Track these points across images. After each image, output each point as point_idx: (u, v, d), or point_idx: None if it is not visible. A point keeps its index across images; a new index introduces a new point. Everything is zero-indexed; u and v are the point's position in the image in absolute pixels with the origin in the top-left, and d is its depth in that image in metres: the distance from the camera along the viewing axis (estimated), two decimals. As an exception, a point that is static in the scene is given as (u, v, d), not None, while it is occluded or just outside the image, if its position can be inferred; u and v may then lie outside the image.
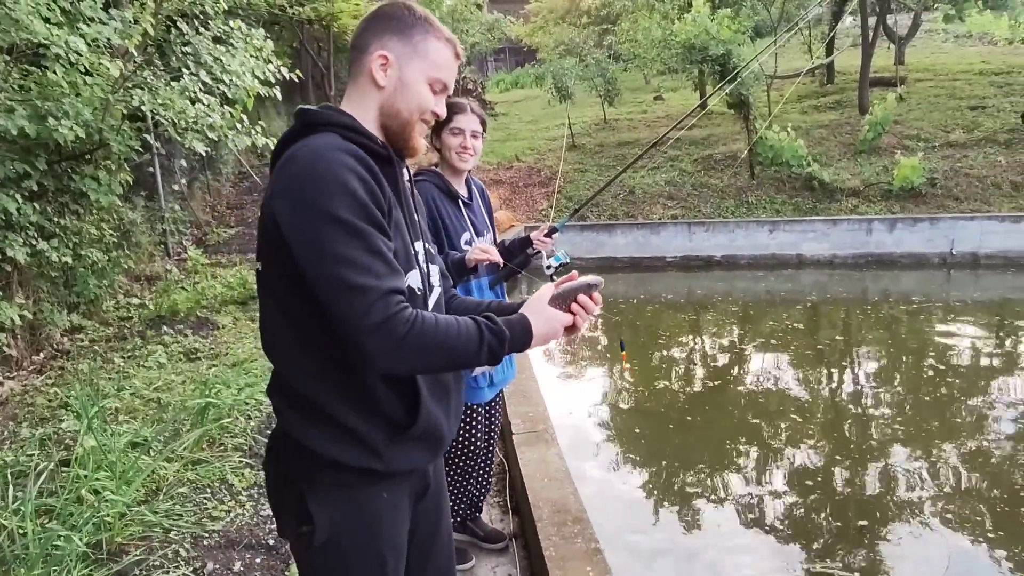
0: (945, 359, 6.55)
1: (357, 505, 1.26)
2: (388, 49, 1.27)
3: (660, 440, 5.01)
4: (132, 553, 2.69)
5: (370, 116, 1.28)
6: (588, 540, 2.22)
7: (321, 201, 1.11)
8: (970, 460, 4.50)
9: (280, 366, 1.26)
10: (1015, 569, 3.37)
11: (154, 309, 6.52)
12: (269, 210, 1.17)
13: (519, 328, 1.22)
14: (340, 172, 1.13)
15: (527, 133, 15.85)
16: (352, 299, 1.10)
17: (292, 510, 1.25)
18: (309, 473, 1.24)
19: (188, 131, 5.31)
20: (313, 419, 1.22)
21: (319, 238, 1.11)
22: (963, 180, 10.63)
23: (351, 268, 1.10)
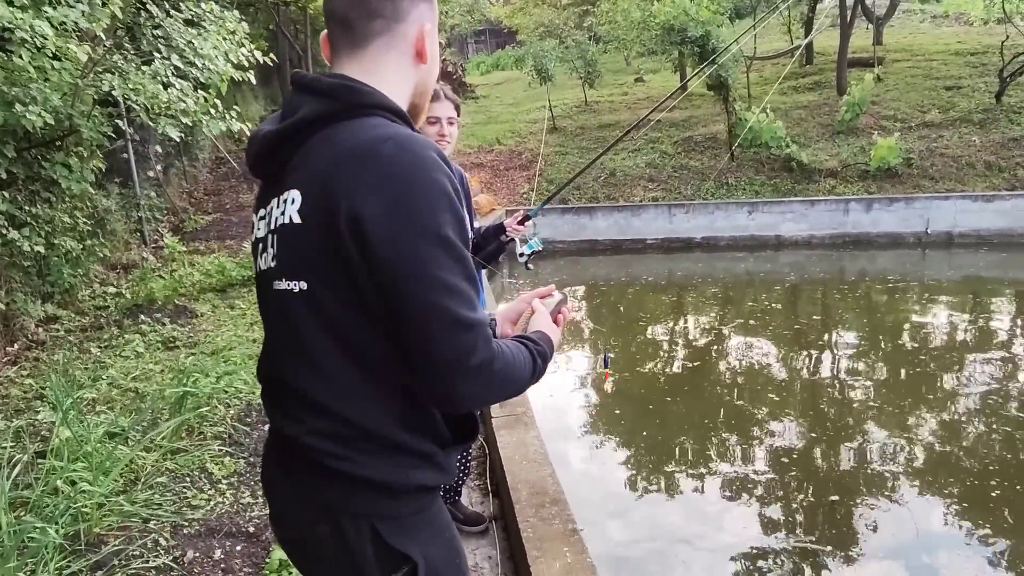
0: (920, 337, 6.67)
1: (435, 523, 1.15)
2: (427, 19, 1.10)
3: (640, 421, 5.07)
4: (111, 543, 2.68)
5: (405, 95, 1.11)
6: (565, 521, 2.25)
7: (431, 217, 0.95)
8: (942, 436, 4.61)
9: (339, 405, 1.05)
10: (981, 540, 3.47)
11: (131, 298, 6.45)
12: (344, 215, 0.96)
13: (549, 346, 1.18)
14: (441, 180, 0.97)
15: (508, 116, 15.77)
16: (458, 335, 0.96)
17: (366, 560, 1.08)
18: (383, 507, 1.09)
19: (161, 116, 5.22)
20: (384, 452, 1.07)
21: (426, 261, 0.94)
22: (938, 160, 10.76)
23: (457, 300, 0.95)
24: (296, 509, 1.16)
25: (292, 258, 1.05)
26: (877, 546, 3.43)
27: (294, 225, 1.03)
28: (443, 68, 18.08)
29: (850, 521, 3.64)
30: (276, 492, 1.21)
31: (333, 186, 0.98)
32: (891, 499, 3.83)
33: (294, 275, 1.04)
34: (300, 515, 1.15)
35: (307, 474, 1.11)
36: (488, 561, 2.59)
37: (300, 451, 1.10)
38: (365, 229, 0.94)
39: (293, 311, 1.05)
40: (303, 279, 1.03)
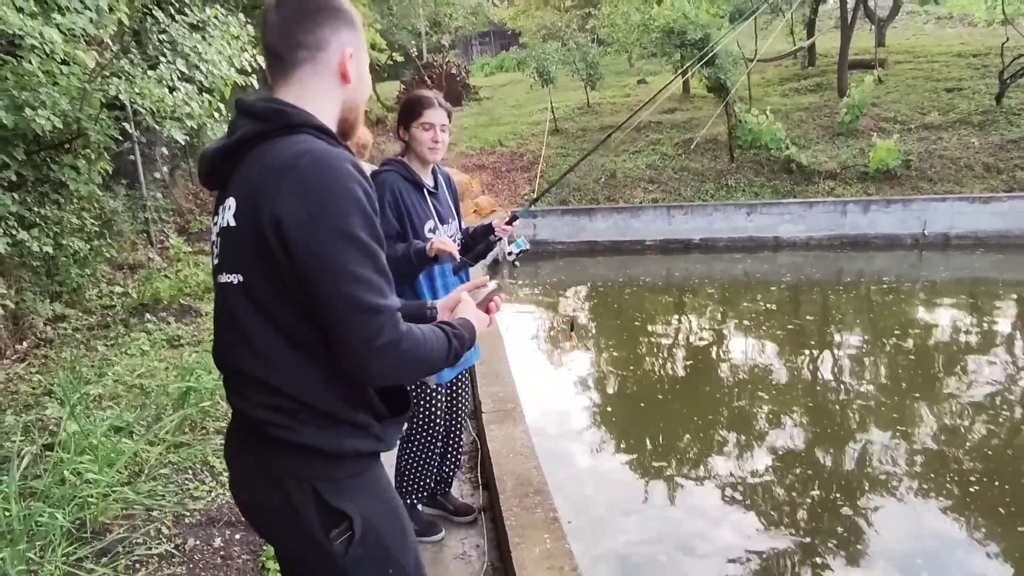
0: (917, 338, 6.74)
1: (373, 485, 1.31)
2: (348, 44, 1.26)
3: (636, 418, 5.17)
4: (115, 531, 2.80)
5: (333, 113, 1.28)
6: (547, 510, 2.36)
7: (340, 219, 1.11)
8: (943, 436, 4.65)
9: (277, 380, 1.21)
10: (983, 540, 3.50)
11: (137, 297, 6.58)
12: (267, 219, 1.13)
13: (470, 332, 1.36)
14: (353, 187, 1.13)
15: (511, 118, 15.87)
16: (366, 319, 1.12)
17: (309, 518, 1.24)
18: (322, 471, 1.24)
19: (167, 120, 5.36)
20: (322, 421, 1.23)
21: (337, 257, 1.11)
22: (937, 162, 10.81)
23: (366, 289, 1.12)
24: (250, 476, 1.32)
25: (230, 255, 1.22)
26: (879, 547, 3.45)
27: (231, 228, 1.21)
28: (447, 70, 18.26)
29: (848, 522, 3.68)
30: (234, 462, 1.37)
31: (259, 194, 1.15)
32: (892, 498, 3.87)
33: (232, 269, 1.22)
34: (253, 481, 1.31)
35: (256, 444, 1.28)
36: (476, 550, 2.69)
37: (250, 424, 1.27)
38: (285, 230, 1.11)
39: (233, 300, 1.22)
40: (239, 272, 1.20)
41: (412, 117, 2.48)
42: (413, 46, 20.75)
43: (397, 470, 2.75)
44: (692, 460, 4.48)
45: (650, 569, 3.32)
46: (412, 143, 2.50)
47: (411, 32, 20.60)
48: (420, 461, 2.70)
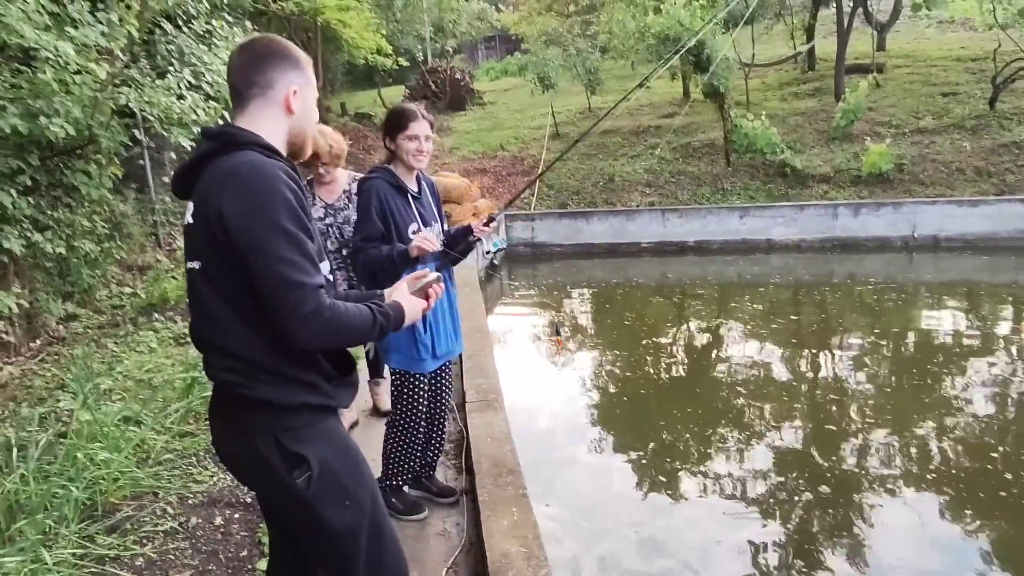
0: (908, 338, 6.90)
1: (328, 434, 1.59)
2: (293, 83, 1.57)
3: (626, 415, 5.34)
4: (124, 510, 3.04)
5: (280, 136, 1.58)
6: (518, 488, 2.57)
7: (269, 213, 1.39)
8: (936, 435, 4.75)
9: (233, 346, 1.49)
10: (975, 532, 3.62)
11: (145, 297, 6.82)
12: (213, 215, 1.42)
13: (397, 312, 1.63)
14: (281, 188, 1.42)
15: (513, 122, 16.10)
16: (291, 292, 1.40)
17: (274, 462, 1.51)
18: (280, 422, 1.52)
19: (174, 126, 5.60)
20: (274, 380, 1.50)
21: (267, 243, 1.39)
22: (930, 166, 10.97)
23: (291, 268, 1.40)
24: (225, 432, 1.63)
25: (191, 246, 1.53)
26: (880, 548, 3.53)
27: (190, 224, 1.52)
28: (451, 75, 18.49)
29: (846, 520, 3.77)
30: (212, 423, 1.66)
31: (209, 196, 1.45)
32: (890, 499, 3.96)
33: (193, 257, 1.52)
34: (228, 436, 1.62)
35: (225, 405, 1.59)
36: (455, 527, 2.91)
37: (219, 387, 1.58)
38: (227, 222, 1.41)
39: (195, 282, 1.52)
40: (198, 260, 1.50)
41: (398, 129, 2.70)
42: (419, 51, 21.04)
43: (384, 454, 2.96)
44: (694, 461, 4.60)
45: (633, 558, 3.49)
46: (398, 152, 2.72)
47: (416, 37, 20.89)
48: (404, 445, 2.90)
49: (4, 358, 5.23)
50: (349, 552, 1.61)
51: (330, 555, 1.64)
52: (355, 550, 1.61)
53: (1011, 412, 5.14)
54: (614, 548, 3.61)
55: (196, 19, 5.81)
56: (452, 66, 20.04)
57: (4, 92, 4.74)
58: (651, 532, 3.73)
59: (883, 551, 3.52)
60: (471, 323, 4.64)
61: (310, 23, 15.41)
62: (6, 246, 4.83)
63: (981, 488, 4.06)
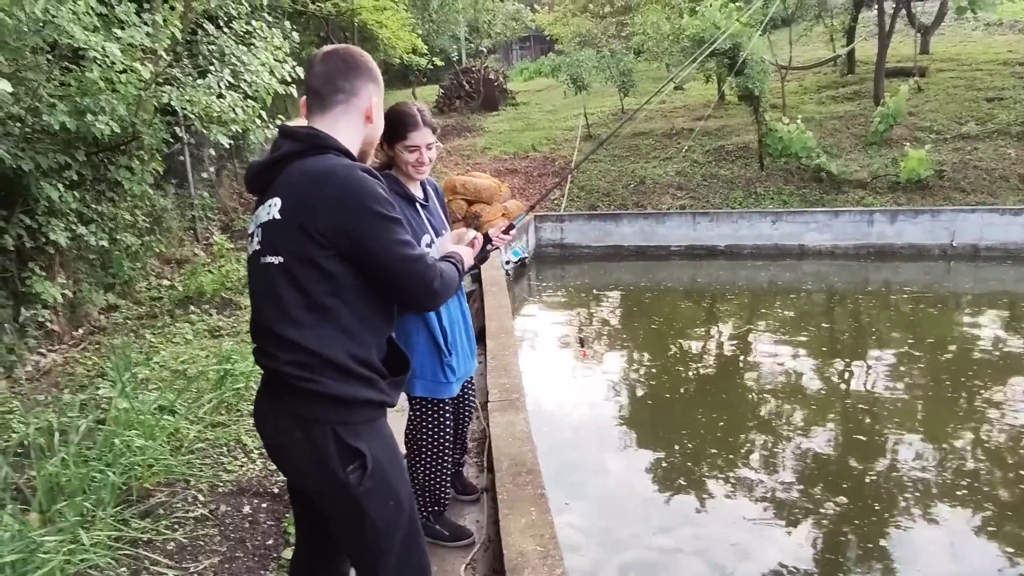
0: (943, 348, 6.76)
1: (381, 432, 1.66)
2: (376, 95, 1.70)
3: (652, 420, 5.34)
4: (157, 496, 3.15)
5: (355, 143, 1.68)
6: (536, 487, 2.61)
7: (375, 206, 1.53)
8: (971, 450, 4.67)
9: (306, 340, 1.54)
10: (1016, 553, 3.56)
11: (183, 290, 7.01)
12: (309, 213, 1.51)
13: (460, 259, 1.89)
14: (375, 184, 1.55)
15: (546, 123, 16.12)
16: (420, 268, 1.59)
17: (331, 455, 1.56)
18: (340, 415, 1.57)
19: (213, 124, 5.77)
20: (340, 375, 1.56)
21: (383, 232, 1.53)
22: (971, 172, 10.70)
23: (409, 247, 1.58)
24: (277, 421, 1.66)
25: (272, 242, 1.59)
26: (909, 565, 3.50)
27: (275, 220, 1.58)
28: (484, 75, 18.59)
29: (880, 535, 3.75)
30: (262, 412, 1.70)
31: (305, 196, 1.55)
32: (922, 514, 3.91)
33: (275, 253, 1.58)
34: (280, 425, 1.65)
35: (285, 395, 1.62)
36: (475, 524, 2.96)
37: (279, 378, 1.61)
38: (332, 220, 1.51)
39: (274, 277, 1.57)
40: (280, 255, 1.57)
41: (396, 137, 2.41)
42: (453, 51, 21.20)
43: (415, 485, 2.76)
44: (714, 462, 4.60)
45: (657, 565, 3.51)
46: (396, 160, 2.48)
47: (451, 37, 21.05)
48: (437, 474, 2.76)
49: (48, 346, 5.44)
50: (384, 548, 1.66)
51: (365, 550, 1.68)
52: (389, 547, 1.66)
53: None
54: (637, 555, 3.64)
55: (237, 20, 5.96)
56: (486, 66, 20.15)
57: (54, 90, 4.94)
58: (676, 540, 3.74)
59: (913, 567, 3.49)
60: (497, 323, 4.69)
61: (348, 23, 15.66)
62: (52, 238, 5.02)
63: (1018, 508, 3.97)
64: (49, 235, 5.02)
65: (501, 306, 5.00)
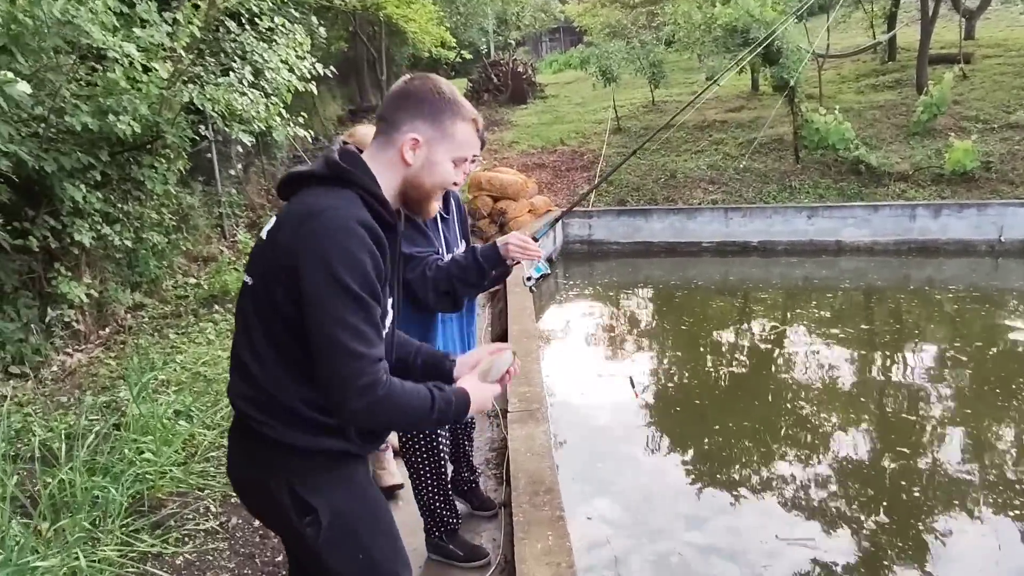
0: (990, 348, 6.46)
1: (348, 482, 1.49)
2: (419, 132, 1.43)
3: (691, 425, 5.17)
4: (169, 507, 3.10)
5: (393, 184, 1.45)
6: (555, 508, 2.47)
7: (339, 270, 1.28)
8: (1017, 453, 4.49)
9: (259, 374, 1.40)
10: None
11: (208, 288, 7.03)
12: (283, 247, 1.34)
13: (461, 400, 1.48)
14: (358, 249, 1.31)
15: (575, 116, 15.88)
16: (349, 362, 1.29)
17: (286, 506, 1.43)
18: (293, 465, 1.42)
19: (235, 123, 5.72)
20: (299, 425, 1.40)
21: (330, 300, 1.29)
22: (1020, 164, 10.19)
23: (352, 335, 1.29)
24: (238, 461, 1.54)
25: (253, 261, 1.46)
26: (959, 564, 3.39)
27: (263, 240, 1.45)
28: (513, 68, 18.42)
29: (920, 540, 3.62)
30: (230, 446, 1.57)
31: (286, 226, 1.39)
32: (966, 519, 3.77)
33: (251, 273, 1.45)
34: (240, 466, 1.53)
35: (241, 433, 1.49)
36: (491, 543, 2.84)
37: (237, 414, 1.48)
38: (298, 265, 1.32)
39: (245, 297, 1.46)
40: (253, 277, 1.44)
41: None
42: (482, 44, 21.03)
43: (423, 508, 2.69)
44: (747, 466, 4.47)
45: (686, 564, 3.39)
46: None
47: (480, 30, 20.88)
48: (436, 493, 2.67)
49: (74, 346, 5.47)
50: None
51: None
52: None
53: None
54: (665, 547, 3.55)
55: (260, 17, 5.90)
56: (515, 59, 19.94)
57: (78, 91, 4.93)
58: (707, 537, 3.64)
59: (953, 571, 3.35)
60: (519, 326, 4.55)
61: (374, 17, 15.59)
62: (77, 238, 5.03)
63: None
64: (74, 235, 5.03)
65: (524, 308, 4.86)
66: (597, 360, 6.56)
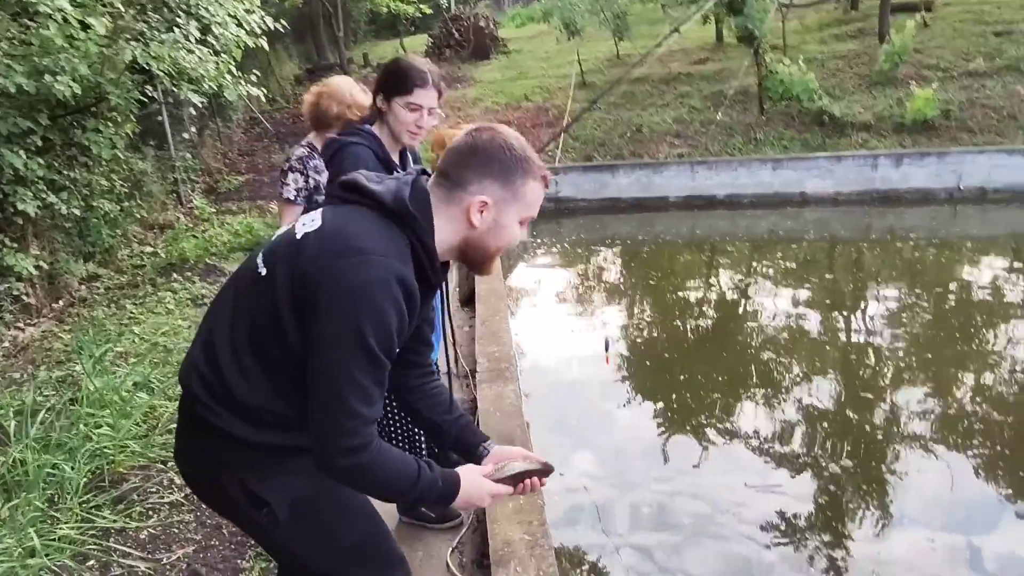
0: (950, 295, 6.62)
1: (302, 472, 1.38)
2: (488, 194, 1.31)
3: (657, 373, 5.23)
4: (131, 481, 3.01)
5: (452, 240, 1.34)
6: (525, 467, 2.44)
7: (365, 326, 1.18)
8: (974, 393, 4.63)
9: (232, 378, 1.30)
10: (1014, 495, 3.54)
11: (165, 257, 6.81)
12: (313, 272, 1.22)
13: (450, 486, 1.36)
14: (389, 308, 1.20)
15: (539, 71, 15.59)
16: (345, 420, 1.22)
17: (239, 500, 1.36)
18: (245, 460, 1.35)
19: (183, 82, 5.46)
20: (250, 419, 1.31)
21: (346, 353, 1.20)
22: (979, 112, 10.32)
23: (358, 394, 1.21)
24: (187, 453, 1.45)
25: (277, 254, 1.31)
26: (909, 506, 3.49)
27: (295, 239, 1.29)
28: (474, 23, 17.96)
29: (882, 480, 3.73)
30: (179, 434, 1.47)
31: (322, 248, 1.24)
32: (925, 458, 3.87)
33: (270, 265, 1.31)
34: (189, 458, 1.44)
35: (190, 423, 1.38)
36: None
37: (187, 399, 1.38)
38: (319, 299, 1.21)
39: (248, 285, 1.34)
40: (268, 269, 1.30)
41: (399, 91, 2.16)
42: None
43: None
44: (716, 416, 4.53)
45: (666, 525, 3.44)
46: (390, 119, 2.21)
47: (440, -17, 20.26)
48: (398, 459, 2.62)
49: (26, 320, 5.26)
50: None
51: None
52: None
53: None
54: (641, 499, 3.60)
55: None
56: (476, 13, 19.42)
57: (10, 50, 4.63)
58: (676, 487, 3.70)
59: (911, 508, 3.48)
60: (487, 285, 4.49)
61: (330, -29, 14.99)
62: (21, 208, 4.80)
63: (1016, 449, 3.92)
64: (17, 205, 4.80)
65: (491, 267, 4.80)
66: (567, 317, 6.56)
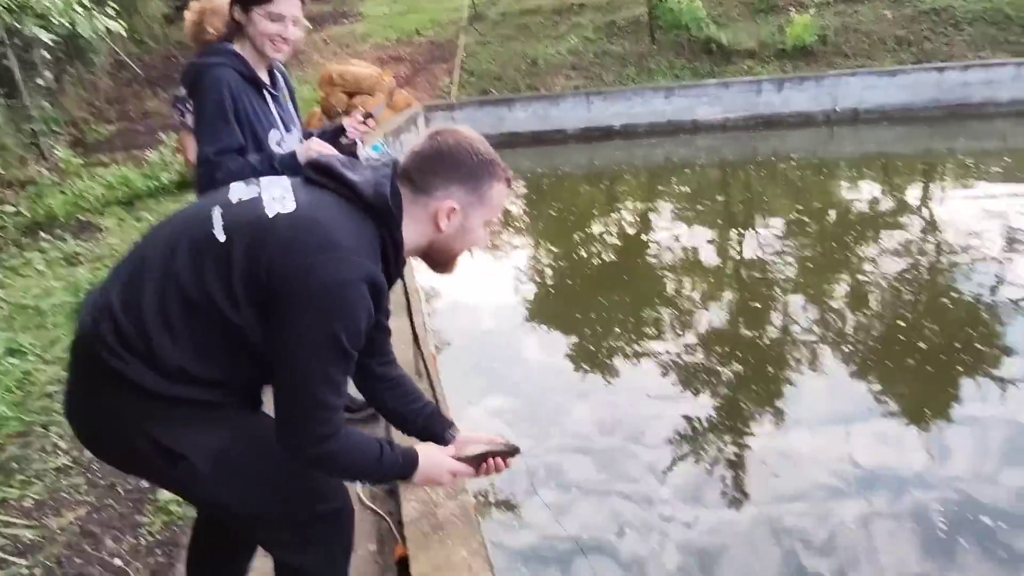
0: (826, 213, 7.02)
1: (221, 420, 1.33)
2: (456, 199, 1.32)
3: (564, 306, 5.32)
4: (9, 450, 2.82)
5: (418, 241, 1.35)
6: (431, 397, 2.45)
7: (336, 326, 1.18)
8: (857, 304, 4.95)
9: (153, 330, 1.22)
10: (883, 391, 3.86)
11: (30, 216, 6.25)
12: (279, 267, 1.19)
13: (409, 463, 1.37)
14: (360, 308, 1.20)
15: (429, 4, 15.03)
16: (316, 412, 1.22)
17: (150, 455, 1.27)
18: (154, 412, 1.25)
19: (26, 17, 4.89)
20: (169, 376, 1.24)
21: (317, 350, 1.19)
22: (852, 36, 10.84)
23: (329, 387, 1.21)
24: (82, 407, 1.33)
25: (240, 225, 1.24)
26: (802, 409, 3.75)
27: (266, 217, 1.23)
28: (358, -47, 16.92)
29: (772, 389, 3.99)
30: (69, 384, 1.35)
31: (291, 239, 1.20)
32: (813, 369, 4.16)
33: (228, 233, 1.24)
34: (86, 414, 1.33)
35: (87, 373, 1.28)
36: (372, 437, 2.81)
37: (87, 341, 1.26)
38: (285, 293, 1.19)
39: (205, 246, 1.24)
40: (227, 237, 1.23)
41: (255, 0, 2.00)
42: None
43: None
44: (623, 342, 4.66)
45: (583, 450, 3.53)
46: (250, 31, 2.04)
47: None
48: None
49: None
50: (267, 530, 1.44)
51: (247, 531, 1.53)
52: (275, 529, 1.42)
53: (924, 277, 5.37)
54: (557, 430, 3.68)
55: None
56: (359, -57, 18.34)
57: None
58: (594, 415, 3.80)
59: (800, 407, 3.77)
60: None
61: None
62: None
63: (890, 348, 4.28)
64: None
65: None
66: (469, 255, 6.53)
